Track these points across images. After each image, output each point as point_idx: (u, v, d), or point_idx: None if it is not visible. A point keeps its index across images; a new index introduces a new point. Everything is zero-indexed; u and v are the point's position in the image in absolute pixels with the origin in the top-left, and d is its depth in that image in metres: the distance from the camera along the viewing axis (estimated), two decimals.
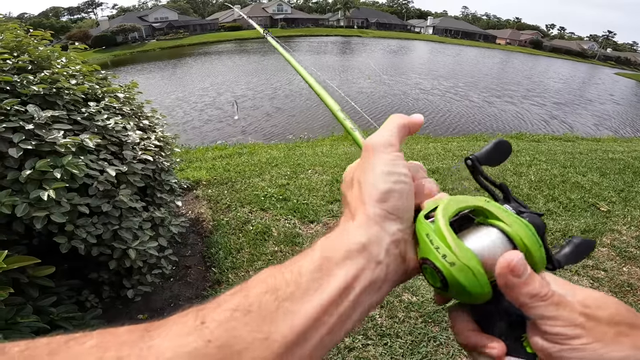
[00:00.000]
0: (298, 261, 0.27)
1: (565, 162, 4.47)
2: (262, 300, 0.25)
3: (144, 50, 36.79)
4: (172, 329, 0.24)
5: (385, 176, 0.31)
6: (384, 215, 0.29)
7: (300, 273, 0.26)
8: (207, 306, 0.27)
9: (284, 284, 0.26)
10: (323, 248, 0.28)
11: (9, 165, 1.21)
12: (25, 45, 1.57)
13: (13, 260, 1.06)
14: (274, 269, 0.27)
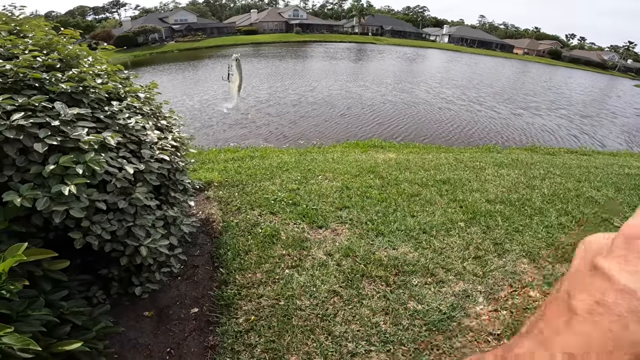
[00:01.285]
0: None
1: (580, 176, 4.39)
2: None
3: (163, 51, 37.69)
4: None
5: None
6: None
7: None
8: None
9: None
10: None
11: (32, 160, 1.25)
12: (55, 44, 1.64)
13: (31, 252, 1.08)
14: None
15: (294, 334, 1.74)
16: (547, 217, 3.10)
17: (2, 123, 1.16)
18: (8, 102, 1.19)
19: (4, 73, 1.29)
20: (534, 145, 7.92)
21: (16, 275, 1.11)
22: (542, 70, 38.62)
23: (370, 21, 68.84)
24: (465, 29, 75.89)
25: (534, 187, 3.83)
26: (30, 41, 1.57)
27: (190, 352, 1.67)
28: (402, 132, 9.01)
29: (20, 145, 1.21)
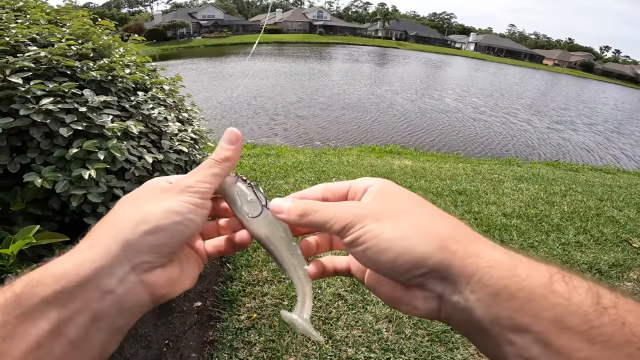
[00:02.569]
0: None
1: (602, 195, 4.22)
2: None
3: (190, 46, 38.71)
4: None
5: (171, 214, 0.28)
6: (142, 249, 0.27)
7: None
8: None
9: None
10: (29, 279, 0.24)
11: (57, 144, 1.30)
12: (91, 34, 1.71)
13: (43, 236, 1.07)
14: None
15: (295, 335, 1.74)
16: (564, 235, 3.00)
17: (31, 107, 1.21)
18: (39, 87, 1.25)
19: (38, 60, 1.36)
20: (558, 160, 7.65)
21: (26, 258, 1.11)
22: (572, 83, 37.29)
23: (395, 26, 68.40)
24: (493, 38, 74.22)
25: (554, 204, 3.70)
26: (68, 30, 1.65)
27: (189, 345, 1.69)
28: (421, 139, 8.89)
29: (47, 129, 1.27)
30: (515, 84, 26.90)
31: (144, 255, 0.27)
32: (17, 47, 1.38)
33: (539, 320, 0.22)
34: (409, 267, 0.26)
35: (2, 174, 1.23)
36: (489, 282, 0.23)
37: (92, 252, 0.25)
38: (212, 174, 0.33)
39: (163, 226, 0.27)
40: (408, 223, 0.27)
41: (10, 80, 1.21)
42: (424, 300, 0.27)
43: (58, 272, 0.24)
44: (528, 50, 69.73)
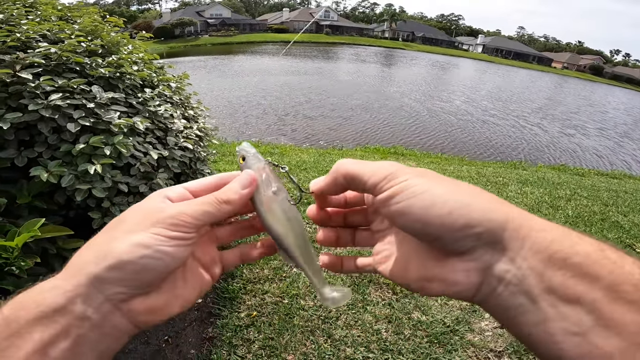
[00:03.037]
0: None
1: (608, 200, 4.18)
2: None
3: (197, 44, 38.92)
4: None
5: (137, 247, 0.27)
6: (110, 281, 0.27)
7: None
8: None
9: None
10: (16, 303, 0.26)
11: (64, 139, 1.32)
12: (100, 31, 1.74)
13: (48, 229, 1.08)
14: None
15: (294, 334, 1.75)
16: None
17: (40, 102, 1.24)
18: (48, 83, 1.27)
19: (48, 56, 1.38)
20: (564, 164, 7.58)
21: (30, 251, 1.11)
22: (581, 86, 36.88)
23: (402, 26, 68.16)
24: (501, 40, 73.63)
25: (558, 208, 3.68)
26: (77, 27, 1.67)
27: (188, 341, 1.70)
28: (426, 141, 8.86)
29: (55, 124, 1.29)
30: (525, 87, 26.67)
31: (114, 288, 0.27)
32: (27, 43, 1.41)
33: (593, 287, 0.20)
34: (464, 224, 0.24)
35: (9, 167, 1.26)
36: (541, 246, 0.22)
37: (66, 282, 0.26)
38: (204, 211, 0.31)
39: (127, 261, 0.27)
40: (455, 185, 0.26)
41: (20, 76, 1.24)
42: (465, 273, 0.25)
43: (38, 298, 0.25)
44: (536, 53, 69.05)
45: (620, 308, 0.19)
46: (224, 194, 0.32)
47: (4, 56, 1.27)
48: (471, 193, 0.25)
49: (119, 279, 0.27)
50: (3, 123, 1.16)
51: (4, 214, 1.16)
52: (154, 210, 0.30)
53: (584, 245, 0.22)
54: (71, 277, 0.26)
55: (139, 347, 1.63)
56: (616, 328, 0.19)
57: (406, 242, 0.31)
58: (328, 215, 0.38)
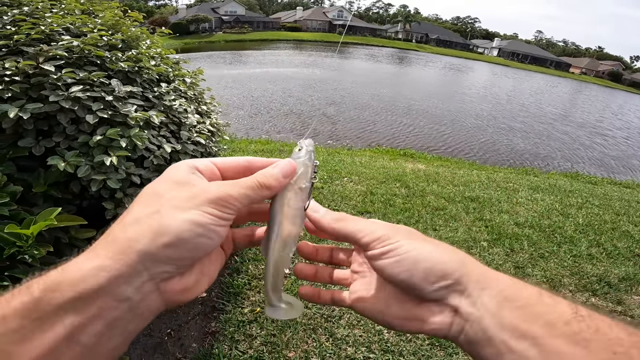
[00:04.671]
0: (5, 300, 0.23)
1: (619, 209, 4.10)
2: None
3: (211, 41, 39.30)
4: None
5: (193, 226, 0.27)
6: (161, 260, 0.26)
7: (4, 316, 0.22)
8: None
9: None
10: (48, 283, 0.24)
11: (82, 130, 1.36)
12: (121, 25, 1.78)
13: (62, 218, 1.08)
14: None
15: (296, 331, 1.77)
16: (576, 247, 2.94)
17: (60, 93, 1.28)
18: (70, 75, 1.31)
19: (70, 49, 1.42)
20: (577, 172, 7.42)
21: (43, 240, 1.11)
22: (601, 93, 35.98)
23: (416, 28, 67.53)
24: (518, 44, 72.33)
25: (568, 215, 3.62)
26: (100, 21, 1.71)
27: (190, 335, 1.72)
28: (437, 144, 8.77)
29: (73, 115, 1.33)
30: (547, 91, 26.18)
31: (163, 266, 0.26)
32: (51, 36, 1.45)
33: (535, 325, 0.25)
34: (439, 277, 0.30)
35: (27, 156, 1.30)
36: (496, 292, 0.28)
37: (110, 260, 0.25)
38: (246, 195, 0.31)
39: (184, 239, 0.26)
40: (435, 245, 0.32)
41: (42, 68, 1.28)
42: (439, 315, 0.30)
43: (75, 278, 0.24)
44: (554, 58, 67.63)
45: (558, 341, 0.24)
46: (266, 180, 0.32)
47: (28, 48, 1.31)
48: (447, 252, 0.31)
49: (171, 257, 0.26)
50: (23, 113, 1.20)
51: (19, 202, 1.17)
52: (197, 189, 0.29)
53: (526, 291, 0.28)
54: (119, 255, 0.25)
55: (142, 339, 1.66)
56: (557, 358, 0.23)
57: (387, 287, 0.35)
58: (316, 250, 0.42)
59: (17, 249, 1.00)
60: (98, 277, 0.24)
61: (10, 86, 1.22)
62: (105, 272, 0.24)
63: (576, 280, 2.47)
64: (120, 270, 0.24)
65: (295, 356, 1.64)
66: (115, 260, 0.25)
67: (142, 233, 0.26)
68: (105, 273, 0.24)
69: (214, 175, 0.33)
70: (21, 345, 0.22)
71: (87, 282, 0.24)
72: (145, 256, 0.25)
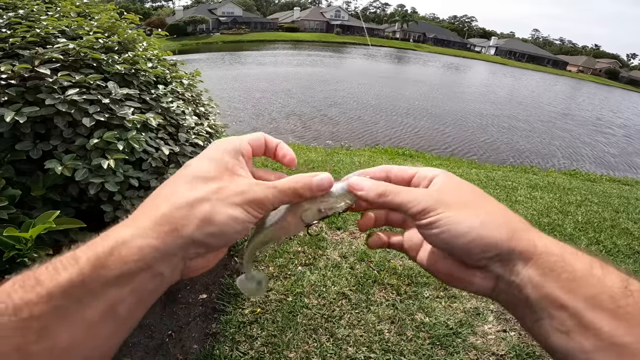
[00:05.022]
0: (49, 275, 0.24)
1: (619, 206, 4.12)
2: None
3: (209, 42, 39.26)
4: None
5: (234, 221, 0.29)
6: (200, 244, 0.28)
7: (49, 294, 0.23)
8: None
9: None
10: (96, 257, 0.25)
11: (79, 133, 1.35)
12: (117, 27, 1.77)
13: (62, 221, 1.08)
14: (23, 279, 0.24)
15: (297, 332, 1.76)
16: (576, 245, 2.90)
17: (57, 97, 1.27)
18: (65, 78, 1.31)
19: (66, 52, 1.42)
20: (575, 169, 7.44)
21: (42, 243, 1.12)
22: (599, 91, 36.06)
23: (413, 27, 67.57)
24: (515, 42, 72.45)
25: (568, 213, 3.62)
26: (95, 23, 1.71)
27: (191, 336, 1.72)
28: (437, 144, 8.78)
29: (70, 118, 1.32)
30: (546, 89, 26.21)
31: (199, 249, 0.28)
32: (47, 39, 1.45)
33: (576, 297, 0.26)
34: (480, 251, 0.30)
35: (25, 160, 1.29)
36: (541, 265, 0.28)
37: (157, 240, 0.26)
38: (281, 199, 0.33)
39: (225, 232, 0.29)
40: (480, 214, 0.31)
41: (38, 71, 1.27)
42: (482, 279, 0.32)
43: (124, 255, 0.25)
44: (551, 56, 67.76)
45: (598, 315, 0.25)
46: (303, 189, 0.34)
47: (23, 51, 1.31)
48: (496, 223, 0.31)
49: (208, 244, 0.29)
50: (20, 116, 1.20)
51: (18, 205, 1.18)
52: (244, 186, 0.31)
53: (576, 263, 0.28)
54: (167, 236, 0.26)
55: (143, 341, 1.66)
56: (593, 330, 0.24)
57: None
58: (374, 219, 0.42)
59: (16, 252, 1.01)
60: (146, 257, 0.25)
61: (6, 90, 1.22)
62: (152, 252, 0.26)
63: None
64: (165, 250, 0.26)
65: (296, 357, 1.64)
66: (162, 241, 0.26)
67: (192, 219, 0.27)
68: (153, 253, 0.26)
69: (249, 159, 0.36)
70: (63, 323, 0.23)
71: (135, 261, 0.25)
72: (190, 241, 0.27)
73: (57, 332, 0.23)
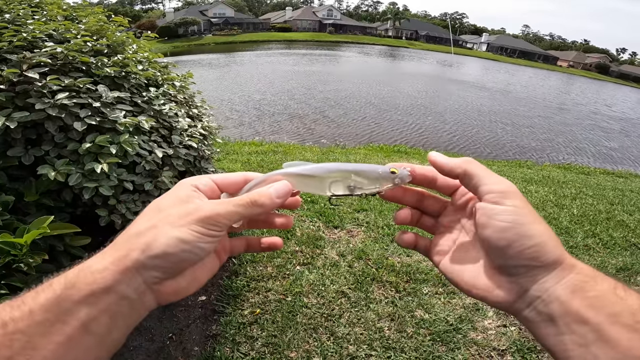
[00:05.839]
0: (31, 297, 0.28)
1: (613, 198, 4.16)
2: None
3: (200, 43, 39.01)
4: None
5: (179, 242, 0.31)
6: (150, 268, 0.30)
7: (31, 310, 0.27)
8: None
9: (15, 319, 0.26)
10: (67, 281, 0.29)
11: (71, 137, 1.33)
12: (105, 30, 1.75)
13: (56, 226, 1.08)
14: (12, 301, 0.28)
15: (297, 331, 1.76)
16: (572, 238, 2.97)
17: (47, 101, 1.25)
18: (55, 82, 1.29)
19: (54, 55, 1.40)
20: (569, 163, 7.51)
21: (38, 248, 1.12)
22: (592, 85, 36.46)
23: (405, 25, 67.78)
24: (506, 38, 73.00)
25: (563, 207, 3.65)
26: (83, 26, 1.69)
27: (192, 339, 1.71)
28: (431, 140, 8.81)
29: (61, 123, 1.30)
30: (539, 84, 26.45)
31: (153, 272, 0.31)
32: (34, 43, 1.42)
33: (599, 314, 0.27)
34: (534, 253, 0.30)
35: (17, 166, 1.27)
36: (573, 283, 0.29)
37: (114, 265, 0.29)
38: (236, 212, 0.34)
39: (169, 253, 0.30)
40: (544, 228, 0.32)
41: (27, 75, 1.25)
42: (508, 291, 0.32)
43: (90, 278, 0.29)
44: (542, 52, 68.38)
45: (618, 329, 0.26)
46: (259, 198, 0.35)
47: (11, 56, 1.29)
48: (554, 236, 0.32)
49: (158, 266, 0.31)
50: (10, 122, 1.18)
51: (12, 211, 1.17)
52: (191, 207, 0.33)
53: (602, 284, 0.29)
54: (119, 262, 0.30)
55: (144, 344, 1.65)
56: (612, 343, 0.26)
57: (469, 251, 0.36)
58: (404, 191, 0.43)
59: (12, 257, 1.01)
60: (105, 279, 0.29)
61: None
62: (110, 274, 0.29)
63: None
64: (121, 273, 0.29)
65: (297, 356, 1.64)
66: (117, 265, 0.29)
67: (138, 245, 0.30)
68: (110, 275, 0.29)
69: (213, 193, 0.37)
70: (44, 336, 0.26)
71: (97, 282, 0.29)
72: (137, 264, 0.30)
73: (41, 345, 0.26)
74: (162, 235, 0.31)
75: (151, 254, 0.30)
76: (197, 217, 0.32)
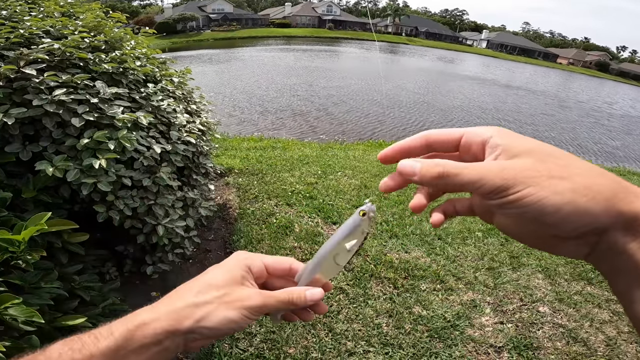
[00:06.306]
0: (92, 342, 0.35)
1: None
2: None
3: (199, 39, 38.77)
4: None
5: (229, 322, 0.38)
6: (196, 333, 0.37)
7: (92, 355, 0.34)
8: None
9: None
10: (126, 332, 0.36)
11: (69, 133, 1.33)
12: (103, 26, 1.74)
13: (54, 223, 1.07)
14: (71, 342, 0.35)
15: (295, 327, 1.77)
16: None
17: (44, 97, 1.25)
18: (52, 78, 1.28)
19: (51, 52, 1.39)
20: None
21: (36, 245, 1.12)
22: (592, 82, 36.43)
23: (405, 21, 67.44)
24: (506, 35, 72.75)
25: None
26: (81, 23, 1.68)
27: None
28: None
29: (59, 119, 1.30)
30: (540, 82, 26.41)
31: (196, 335, 0.37)
32: (31, 40, 1.42)
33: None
34: (574, 227, 0.27)
35: (15, 162, 1.27)
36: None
37: (168, 326, 0.36)
38: (277, 307, 0.41)
39: (218, 328, 0.37)
40: (568, 183, 0.27)
41: (24, 72, 1.25)
42: (576, 247, 0.29)
43: (146, 332, 0.36)
44: (542, 49, 68.17)
45: None
46: (296, 300, 0.41)
47: (8, 52, 1.28)
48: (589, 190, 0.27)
49: (204, 334, 0.38)
50: (8, 118, 1.17)
51: (9, 208, 1.17)
52: (244, 294, 0.39)
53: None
54: (172, 327, 0.37)
55: None
56: None
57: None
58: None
59: (10, 254, 1.00)
60: (158, 337, 0.36)
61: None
62: (163, 335, 0.36)
63: (571, 269, 2.50)
64: (172, 334, 0.36)
65: (295, 352, 1.65)
66: (171, 327, 0.36)
67: (194, 316, 0.37)
68: (163, 336, 0.36)
69: (262, 275, 0.43)
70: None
71: (151, 337, 0.35)
72: (187, 330, 0.37)
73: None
74: (216, 314, 0.37)
75: (203, 325, 0.37)
76: (249, 305, 0.39)
